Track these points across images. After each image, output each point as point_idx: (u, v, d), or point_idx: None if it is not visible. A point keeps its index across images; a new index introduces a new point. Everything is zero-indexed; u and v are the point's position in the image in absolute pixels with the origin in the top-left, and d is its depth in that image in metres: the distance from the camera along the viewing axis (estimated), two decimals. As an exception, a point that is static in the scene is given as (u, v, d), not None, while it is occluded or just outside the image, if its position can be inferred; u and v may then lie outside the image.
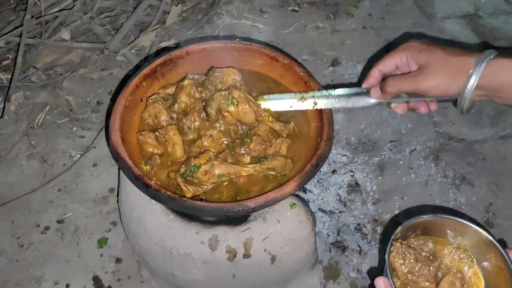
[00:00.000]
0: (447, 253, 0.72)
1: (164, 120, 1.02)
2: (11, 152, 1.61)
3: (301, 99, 0.99)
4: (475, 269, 0.72)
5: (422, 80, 0.82)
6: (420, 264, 0.69)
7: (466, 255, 0.72)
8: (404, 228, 0.70)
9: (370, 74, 0.93)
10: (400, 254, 0.69)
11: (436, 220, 0.72)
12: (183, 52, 1.11)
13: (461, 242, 0.73)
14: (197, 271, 1.04)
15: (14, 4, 2.06)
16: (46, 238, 1.40)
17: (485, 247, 0.69)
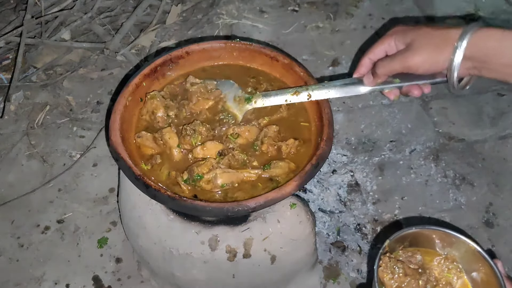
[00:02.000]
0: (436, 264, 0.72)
1: (160, 117, 1.02)
2: (11, 152, 1.61)
3: (295, 92, 1.00)
4: (464, 280, 0.71)
5: (409, 57, 0.82)
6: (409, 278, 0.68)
7: (455, 266, 0.71)
8: (392, 241, 0.70)
9: (361, 64, 0.93)
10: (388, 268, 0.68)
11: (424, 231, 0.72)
12: (183, 52, 1.11)
13: (450, 252, 0.72)
14: (197, 271, 1.04)
15: (14, 4, 2.06)
16: (46, 238, 1.40)
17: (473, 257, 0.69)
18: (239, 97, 1.05)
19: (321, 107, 1.01)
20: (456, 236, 0.71)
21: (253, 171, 0.95)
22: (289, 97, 1.00)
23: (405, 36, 0.84)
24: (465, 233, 0.71)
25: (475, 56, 0.76)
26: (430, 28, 0.82)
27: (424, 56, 0.80)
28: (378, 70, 0.88)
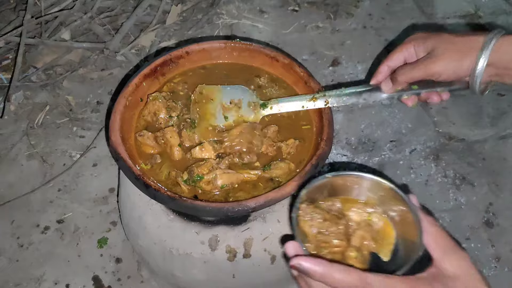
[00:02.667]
0: (356, 210, 0.71)
1: (162, 119, 1.03)
2: (11, 152, 1.61)
3: (313, 99, 0.98)
4: (384, 221, 0.71)
5: (431, 64, 0.81)
6: (328, 222, 0.67)
7: (375, 209, 0.71)
8: (309, 191, 0.68)
9: (379, 71, 0.92)
10: (307, 215, 0.67)
11: (340, 179, 0.70)
12: (183, 52, 1.11)
13: (368, 197, 0.72)
14: (197, 271, 1.04)
15: (14, 4, 2.06)
16: (46, 238, 1.40)
17: (390, 196, 0.69)
18: (254, 103, 1.03)
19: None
20: (370, 178, 0.69)
21: (253, 171, 0.95)
22: (306, 103, 0.99)
23: (425, 43, 0.84)
24: (381, 174, 0.70)
25: (498, 62, 0.77)
26: (452, 35, 0.81)
27: (447, 63, 0.80)
28: (399, 77, 0.87)
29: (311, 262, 0.56)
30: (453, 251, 0.60)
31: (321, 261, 0.57)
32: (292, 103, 1.01)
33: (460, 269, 0.58)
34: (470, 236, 1.41)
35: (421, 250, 0.62)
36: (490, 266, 1.35)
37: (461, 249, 0.60)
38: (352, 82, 1.83)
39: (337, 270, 0.55)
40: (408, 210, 0.65)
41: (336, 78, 1.84)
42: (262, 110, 1.02)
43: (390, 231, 0.70)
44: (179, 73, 1.13)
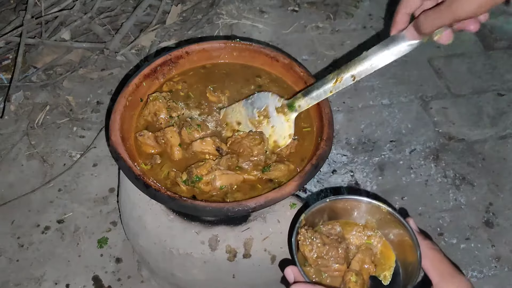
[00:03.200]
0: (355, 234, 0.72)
1: (162, 119, 1.03)
2: (11, 152, 1.61)
3: (337, 79, 0.87)
4: (384, 244, 0.71)
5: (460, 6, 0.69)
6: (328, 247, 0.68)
7: (374, 233, 0.72)
8: (308, 215, 0.69)
9: (396, 20, 0.79)
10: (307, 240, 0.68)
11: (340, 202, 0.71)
12: (183, 52, 1.11)
13: (368, 220, 0.72)
14: (197, 271, 1.04)
15: (14, 4, 2.06)
16: (46, 238, 1.40)
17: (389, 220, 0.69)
18: (281, 107, 0.97)
19: (321, 107, 1.01)
20: (369, 201, 0.70)
21: (252, 173, 0.95)
22: (332, 86, 0.88)
23: None
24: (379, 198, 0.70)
25: None
26: None
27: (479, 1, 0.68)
28: (423, 28, 0.74)
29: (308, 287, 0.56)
30: (451, 275, 0.60)
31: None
32: (319, 92, 0.91)
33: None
34: (470, 236, 1.41)
35: (419, 274, 0.62)
36: (490, 266, 1.35)
37: (459, 274, 0.60)
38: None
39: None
40: (406, 234, 0.66)
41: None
42: (291, 112, 0.96)
43: (390, 255, 0.71)
44: (179, 73, 1.13)
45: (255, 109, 0.99)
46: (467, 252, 1.38)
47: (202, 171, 0.92)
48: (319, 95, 0.91)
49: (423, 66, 1.89)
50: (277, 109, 0.97)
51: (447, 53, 1.94)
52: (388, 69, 1.87)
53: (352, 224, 0.73)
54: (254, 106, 0.99)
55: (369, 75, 0.87)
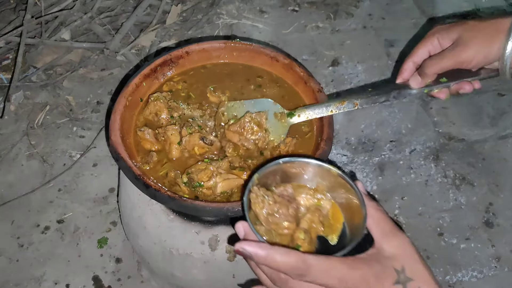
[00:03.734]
0: (306, 196, 0.73)
1: (164, 119, 1.03)
2: (11, 152, 1.61)
3: (341, 102, 0.94)
4: (333, 206, 0.73)
5: (460, 52, 0.80)
6: (279, 205, 0.69)
7: (324, 195, 0.73)
8: (261, 175, 0.70)
9: (404, 68, 0.89)
10: (259, 197, 0.69)
11: (293, 165, 0.73)
12: (183, 52, 1.11)
13: (319, 183, 0.74)
14: (197, 271, 1.04)
15: (14, 4, 2.06)
16: (46, 238, 1.40)
17: (339, 183, 0.71)
18: (280, 113, 1.00)
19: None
20: (320, 164, 0.71)
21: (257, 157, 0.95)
22: (335, 106, 0.95)
23: (449, 32, 0.82)
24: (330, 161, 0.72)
25: None
26: (476, 21, 0.80)
27: (477, 49, 0.78)
28: (427, 70, 0.85)
29: (253, 246, 0.58)
30: (392, 233, 0.62)
31: (263, 245, 0.58)
32: (320, 109, 0.97)
33: (398, 250, 0.60)
34: (470, 236, 1.41)
35: (363, 233, 0.64)
36: (490, 266, 1.35)
37: (401, 232, 0.62)
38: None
39: (279, 253, 0.56)
40: (354, 196, 0.68)
41: (336, 78, 1.84)
42: (289, 119, 0.99)
43: (339, 216, 0.72)
44: (179, 73, 1.13)
45: (255, 109, 1.01)
46: (467, 252, 1.38)
47: (203, 177, 0.92)
48: (321, 111, 0.97)
49: (423, 66, 1.89)
50: (276, 114, 1.00)
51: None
52: (388, 69, 1.87)
53: (304, 187, 0.75)
54: (255, 107, 1.01)
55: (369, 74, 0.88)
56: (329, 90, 1.79)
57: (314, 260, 0.56)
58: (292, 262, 0.55)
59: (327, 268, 0.56)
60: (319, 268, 0.56)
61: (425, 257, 1.36)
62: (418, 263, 0.59)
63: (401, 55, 1.91)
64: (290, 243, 0.68)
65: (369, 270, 0.57)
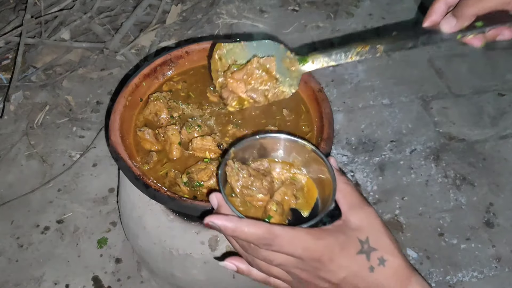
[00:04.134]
0: (281, 171, 0.75)
1: (163, 119, 1.02)
2: (10, 152, 1.61)
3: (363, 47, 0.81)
4: (307, 181, 0.75)
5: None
6: (254, 178, 0.71)
7: (299, 170, 0.75)
8: (238, 150, 0.72)
9: (433, 9, 0.78)
10: (234, 171, 0.71)
11: (269, 140, 0.74)
12: (183, 52, 1.11)
13: (295, 159, 0.76)
14: (197, 271, 1.03)
15: (14, 4, 2.05)
16: (46, 238, 1.40)
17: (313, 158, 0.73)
18: (290, 60, 0.84)
19: (321, 107, 1.01)
20: (295, 140, 0.73)
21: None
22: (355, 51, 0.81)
23: None
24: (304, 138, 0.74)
25: None
26: None
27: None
28: (465, 10, 0.73)
29: (222, 219, 0.60)
30: (359, 206, 0.63)
31: (231, 218, 0.60)
32: (338, 55, 0.81)
33: (363, 222, 0.61)
34: (470, 236, 1.41)
35: (331, 205, 0.66)
36: (491, 267, 1.35)
37: (368, 205, 0.64)
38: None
39: (246, 225, 0.58)
40: (326, 171, 0.69)
41: (336, 78, 1.83)
42: (301, 66, 0.83)
43: (313, 191, 0.74)
44: (179, 73, 1.13)
45: (261, 53, 0.85)
46: (467, 253, 1.38)
47: (203, 177, 0.92)
48: (338, 57, 0.81)
49: (424, 66, 1.89)
50: (285, 60, 0.84)
51: (447, 53, 1.93)
52: (388, 69, 1.87)
53: (280, 162, 0.77)
54: (260, 50, 0.85)
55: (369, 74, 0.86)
56: (329, 90, 1.79)
57: (280, 230, 0.57)
58: (259, 232, 0.57)
59: (292, 237, 0.57)
60: (285, 238, 0.57)
61: (425, 257, 1.36)
62: (382, 235, 0.61)
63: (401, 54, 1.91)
64: (264, 215, 0.70)
65: (334, 240, 0.59)
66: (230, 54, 0.86)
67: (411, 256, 1.36)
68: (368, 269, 0.58)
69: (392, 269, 0.59)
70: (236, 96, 0.86)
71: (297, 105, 1.07)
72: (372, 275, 0.58)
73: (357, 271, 0.58)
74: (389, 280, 0.59)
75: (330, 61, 0.82)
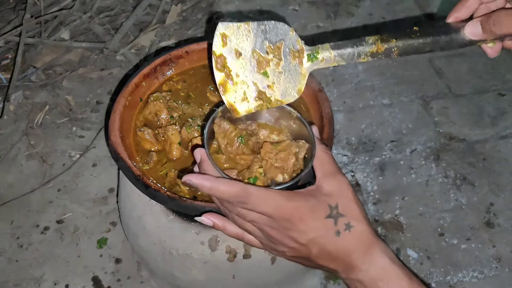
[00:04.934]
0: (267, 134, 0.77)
1: (163, 119, 1.02)
2: (10, 152, 1.60)
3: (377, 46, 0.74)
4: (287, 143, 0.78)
5: None
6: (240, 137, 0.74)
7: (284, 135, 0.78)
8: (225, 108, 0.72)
9: (464, 3, 0.69)
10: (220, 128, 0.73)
11: None
12: (183, 52, 1.11)
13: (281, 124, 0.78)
14: (197, 271, 1.03)
15: (14, 4, 2.05)
16: (46, 238, 1.39)
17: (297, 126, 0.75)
18: (297, 51, 0.72)
19: (321, 107, 1.00)
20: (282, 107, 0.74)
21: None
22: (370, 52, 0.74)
23: None
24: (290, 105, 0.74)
25: None
26: None
27: None
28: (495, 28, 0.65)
29: (199, 178, 0.63)
30: (333, 174, 0.67)
31: (207, 176, 0.63)
32: (350, 55, 0.73)
33: (335, 189, 0.65)
34: (470, 236, 1.41)
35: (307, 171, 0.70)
36: (491, 267, 1.35)
37: (341, 174, 0.67)
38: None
39: (222, 183, 0.62)
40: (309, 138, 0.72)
41: (337, 77, 1.83)
42: (310, 63, 0.73)
43: None
44: (179, 73, 1.13)
45: (267, 40, 0.70)
46: (467, 253, 1.37)
47: None
48: (352, 56, 0.73)
49: (424, 65, 1.89)
50: (293, 53, 0.72)
51: (447, 53, 1.93)
52: (388, 69, 1.87)
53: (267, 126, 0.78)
54: (266, 36, 0.70)
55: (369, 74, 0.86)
56: (330, 90, 1.79)
57: (254, 189, 0.61)
58: (234, 191, 0.61)
59: (265, 197, 0.61)
60: (258, 197, 0.61)
61: (425, 257, 1.36)
62: (351, 202, 0.64)
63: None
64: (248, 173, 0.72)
65: (305, 203, 0.63)
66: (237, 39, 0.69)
67: (411, 256, 1.36)
68: (335, 233, 0.62)
69: (357, 234, 0.62)
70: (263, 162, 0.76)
71: (297, 105, 1.07)
72: (338, 239, 0.62)
73: (324, 234, 0.62)
74: (354, 244, 0.62)
75: (341, 60, 0.73)
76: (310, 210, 0.62)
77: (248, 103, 0.71)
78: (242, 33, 0.69)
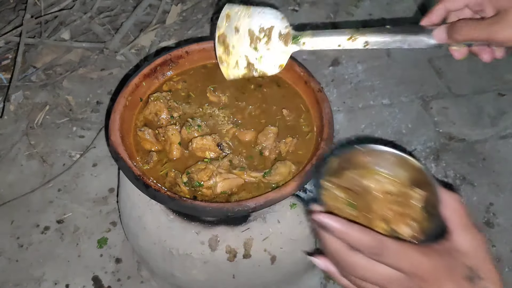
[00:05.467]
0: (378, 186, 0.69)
1: (164, 119, 1.03)
2: (10, 152, 1.60)
3: (351, 38, 0.84)
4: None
5: (500, 30, 0.71)
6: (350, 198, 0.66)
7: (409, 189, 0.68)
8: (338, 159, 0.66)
9: (433, 11, 0.81)
10: (331, 194, 0.66)
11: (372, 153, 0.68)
12: (183, 52, 1.11)
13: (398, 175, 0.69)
14: (197, 271, 1.03)
15: (14, 4, 2.05)
16: (46, 238, 1.39)
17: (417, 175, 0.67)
18: (285, 35, 0.89)
19: (321, 107, 1.01)
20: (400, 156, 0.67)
21: (253, 174, 0.95)
22: (344, 42, 0.85)
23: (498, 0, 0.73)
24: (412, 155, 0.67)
25: None
26: None
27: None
28: (457, 36, 0.77)
29: (332, 218, 0.58)
30: (469, 228, 0.61)
31: (340, 219, 0.58)
32: (328, 40, 0.86)
33: (472, 247, 0.59)
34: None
35: (439, 223, 0.62)
36: (491, 266, 1.35)
37: (476, 229, 0.61)
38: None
39: (356, 230, 0.56)
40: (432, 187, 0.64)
41: (337, 77, 1.83)
42: (293, 44, 0.89)
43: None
44: (179, 73, 1.13)
45: (261, 22, 0.90)
46: (467, 252, 1.38)
47: (203, 177, 0.91)
48: (327, 43, 0.86)
49: (424, 65, 1.89)
50: (280, 35, 0.90)
51: (447, 52, 1.92)
52: (388, 69, 1.87)
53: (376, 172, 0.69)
54: (262, 19, 0.90)
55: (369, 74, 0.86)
56: (330, 90, 1.79)
57: (390, 242, 0.56)
58: (369, 240, 0.56)
59: (401, 251, 0.56)
60: (394, 250, 0.55)
61: (425, 257, 1.36)
62: (489, 263, 0.59)
63: (401, 54, 1.91)
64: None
65: (441, 260, 0.57)
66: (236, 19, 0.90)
67: (411, 256, 1.36)
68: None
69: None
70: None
71: (297, 105, 1.07)
72: None
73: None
74: None
75: (320, 45, 0.86)
76: (447, 270, 0.56)
77: (238, 70, 0.91)
78: (243, 14, 0.89)
